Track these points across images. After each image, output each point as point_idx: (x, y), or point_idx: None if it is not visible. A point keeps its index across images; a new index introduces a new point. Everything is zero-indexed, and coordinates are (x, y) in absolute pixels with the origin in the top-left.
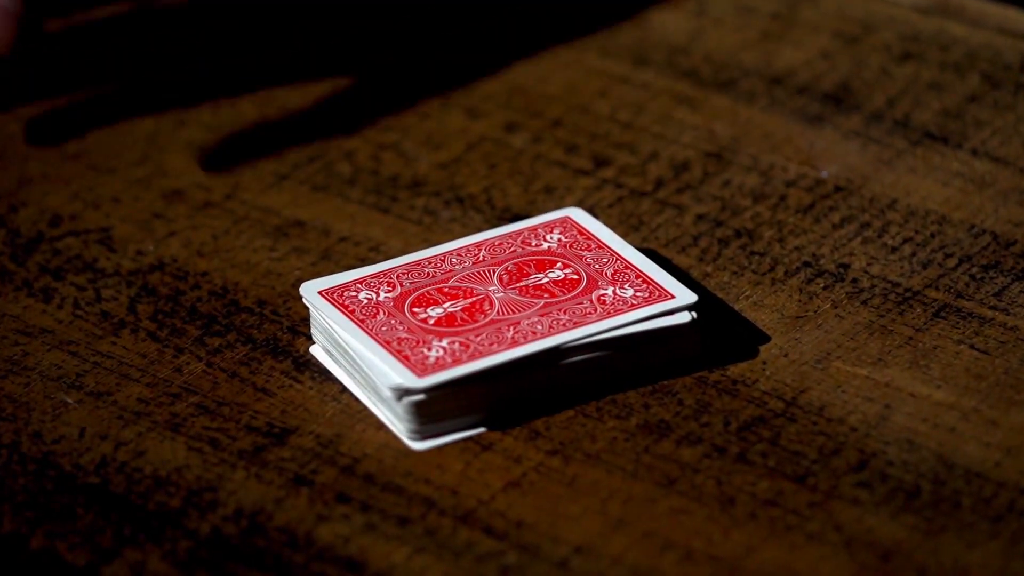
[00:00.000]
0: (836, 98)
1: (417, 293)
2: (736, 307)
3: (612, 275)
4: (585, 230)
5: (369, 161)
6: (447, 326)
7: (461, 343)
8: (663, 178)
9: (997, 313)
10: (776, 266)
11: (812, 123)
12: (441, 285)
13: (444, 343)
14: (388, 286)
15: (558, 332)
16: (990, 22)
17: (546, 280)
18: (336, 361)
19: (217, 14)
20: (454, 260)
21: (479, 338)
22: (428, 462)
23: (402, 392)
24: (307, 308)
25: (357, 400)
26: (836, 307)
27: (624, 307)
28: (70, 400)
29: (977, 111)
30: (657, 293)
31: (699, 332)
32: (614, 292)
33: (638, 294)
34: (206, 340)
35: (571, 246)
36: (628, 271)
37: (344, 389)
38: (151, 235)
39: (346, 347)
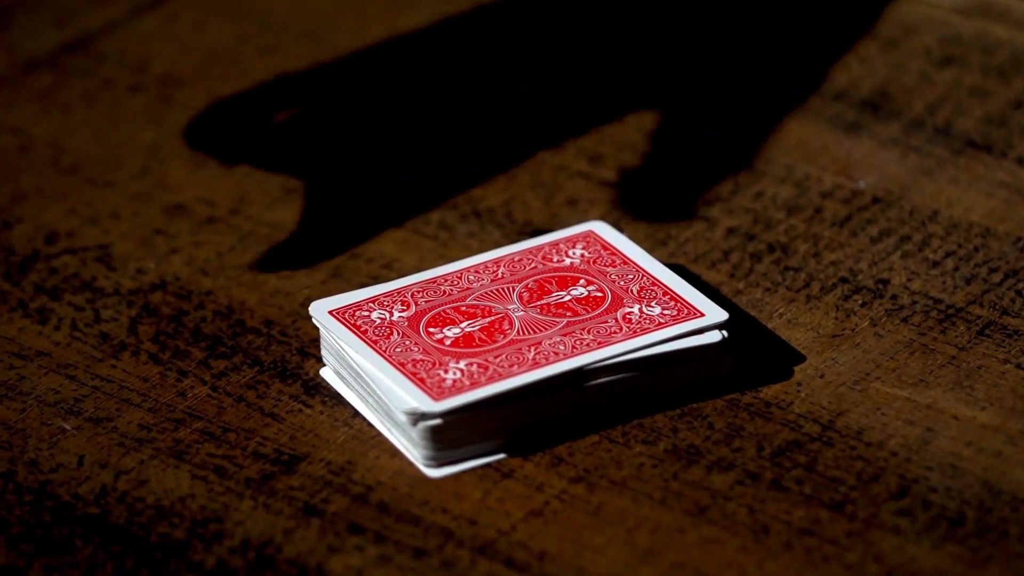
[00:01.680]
0: (874, 105)
1: (433, 312)
2: (769, 325)
3: (638, 292)
4: (609, 245)
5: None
6: (465, 347)
7: (479, 365)
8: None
9: None
10: (811, 282)
11: (849, 131)
12: (458, 304)
13: (462, 365)
14: (402, 305)
15: (582, 353)
16: None
17: (568, 298)
18: (348, 384)
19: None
20: (471, 277)
21: (498, 359)
22: (445, 490)
23: (418, 416)
24: (317, 328)
25: (370, 425)
26: (875, 325)
27: (651, 326)
28: (68, 426)
29: (1022, 118)
30: (686, 311)
31: (730, 352)
32: (640, 310)
33: (666, 312)
34: (211, 363)
35: (595, 262)
36: (655, 288)
37: (356, 414)
38: (152, 252)
39: (358, 369)
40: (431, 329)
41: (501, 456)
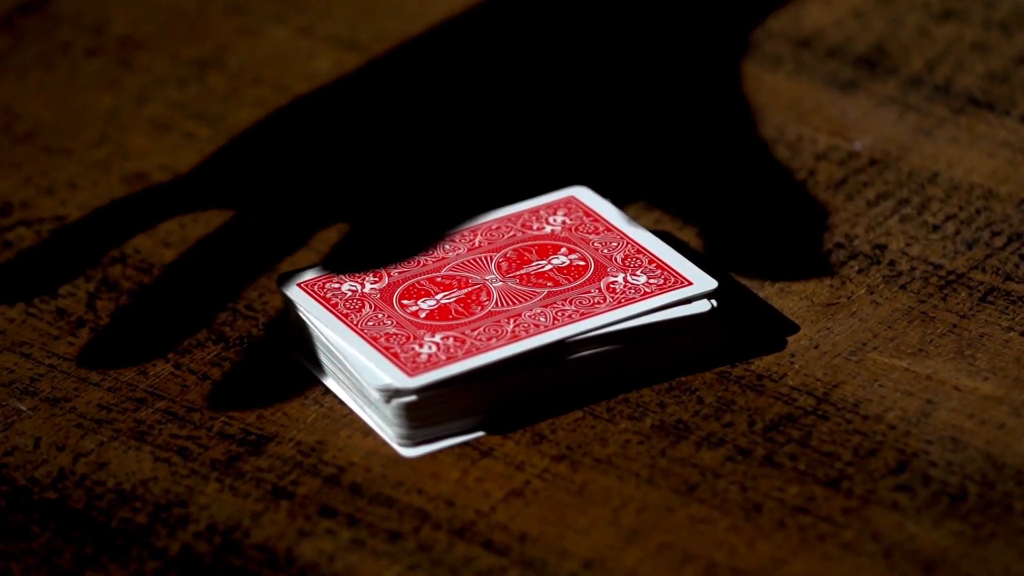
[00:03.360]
0: (870, 62)
1: (406, 284)
2: (761, 294)
3: (623, 260)
4: (592, 211)
5: None
6: (440, 319)
7: (456, 338)
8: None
9: None
10: (805, 248)
11: (844, 90)
12: (433, 274)
13: (437, 338)
14: (374, 276)
15: (563, 324)
16: None
17: (549, 267)
18: (318, 360)
19: None
20: (447, 247)
21: (476, 332)
22: (421, 470)
23: (391, 393)
24: (284, 302)
25: (342, 403)
26: (872, 292)
27: (637, 296)
28: (23, 407)
29: None
30: (673, 280)
31: (720, 322)
32: (625, 279)
33: (652, 281)
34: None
35: (577, 229)
36: (640, 256)
37: (327, 391)
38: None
39: (329, 344)
40: (405, 301)
41: (479, 434)
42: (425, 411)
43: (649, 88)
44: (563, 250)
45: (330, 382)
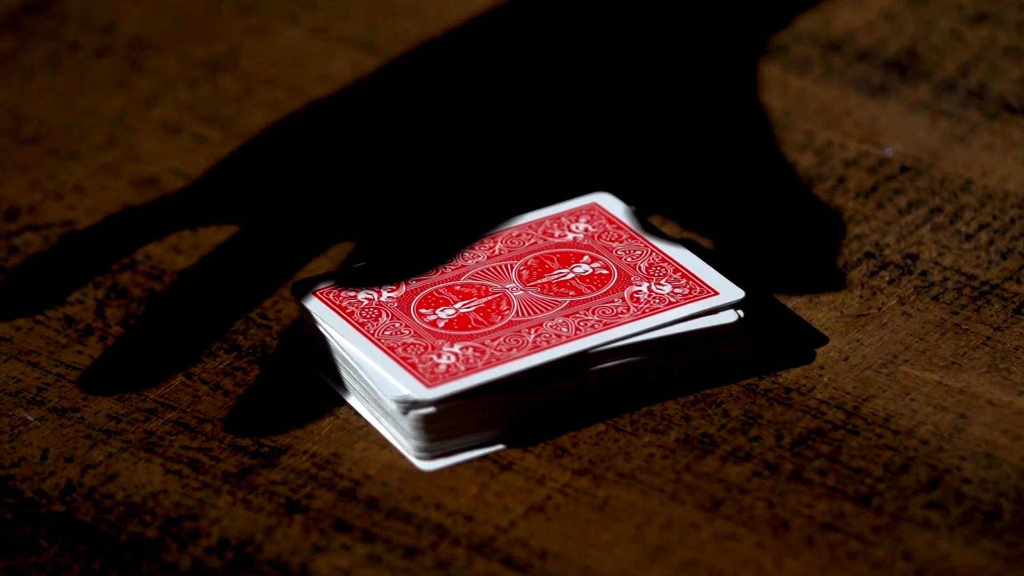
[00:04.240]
0: (901, 66)
1: (425, 292)
2: (789, 305)
3: (647, 269)
4: (615, 218)
5: None
6: (459, 329)
7: (475, 348)
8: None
9: None
10: (835, 258)
11: (874, 94)
12: (452, 283)
13: (456, 349)
14: (391, 285)
15: (586, 335)
16: None
17: (571, 276)
18: (333, 371)
19: None
20: (466, 254)
21: (496, 343)
22: (439, 484)
23: (409, 405)
24: (299, 311)
25: (357, 415)
26: (903, 303)
27: (661, 305)
28: (31, 417)
29: None
30: (699, 289)
31: (747, 333)
32: (649, 288)
33: (677, 291)
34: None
35: (599, 237)
36: (665, 264)
37: (342, 402)
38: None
39: (345, 354)
40: (423, 310)
41: (499, 447)
42: (443, 423)
43: (674, 92)
44: (585, 258)
45: (346, 393)
